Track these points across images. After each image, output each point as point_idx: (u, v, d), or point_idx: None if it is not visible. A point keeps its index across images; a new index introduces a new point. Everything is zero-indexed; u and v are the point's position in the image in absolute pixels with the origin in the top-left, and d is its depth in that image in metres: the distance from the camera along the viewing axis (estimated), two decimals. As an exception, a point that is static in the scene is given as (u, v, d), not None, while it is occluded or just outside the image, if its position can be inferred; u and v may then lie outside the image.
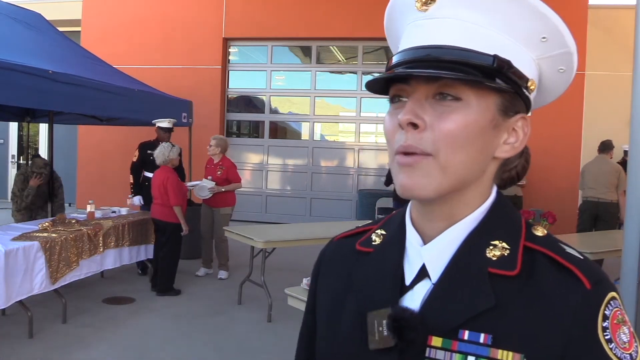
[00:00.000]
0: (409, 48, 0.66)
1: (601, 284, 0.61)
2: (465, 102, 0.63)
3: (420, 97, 0.64)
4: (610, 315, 0.60)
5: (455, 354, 0.61)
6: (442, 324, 0.63)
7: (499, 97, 0.65)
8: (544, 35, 0.65)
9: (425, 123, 0.62)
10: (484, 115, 0.64)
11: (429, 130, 0.62)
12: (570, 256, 0.64)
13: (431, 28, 0.64)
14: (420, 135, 0.62)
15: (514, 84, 0.65)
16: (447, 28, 0.64)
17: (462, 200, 0.67)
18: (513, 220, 0.68)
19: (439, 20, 0.64)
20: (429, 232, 0.68)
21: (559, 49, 0.67)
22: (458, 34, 0.63)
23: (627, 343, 0.61)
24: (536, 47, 0.66)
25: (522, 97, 0.67)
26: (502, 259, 0.64)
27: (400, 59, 0.67)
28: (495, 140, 0.66)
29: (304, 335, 0.85)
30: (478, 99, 0.63)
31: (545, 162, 8.25)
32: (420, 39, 0.65)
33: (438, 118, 0.62)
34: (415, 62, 0.64)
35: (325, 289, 0.80)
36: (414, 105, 0.63)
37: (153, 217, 5.32)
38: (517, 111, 0.67)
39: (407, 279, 0.68)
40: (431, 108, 0.63)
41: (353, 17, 8.43)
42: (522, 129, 0.68)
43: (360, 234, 0.80)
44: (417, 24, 0.66)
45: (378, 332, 0.64)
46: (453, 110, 0.62)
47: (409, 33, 0.67)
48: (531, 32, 0.65)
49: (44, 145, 10.45)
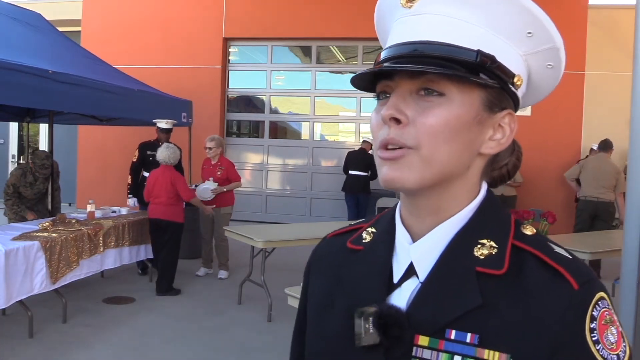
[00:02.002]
0: (394, 44, 0.66)
1: (589, 285, 0.61)
2: (448, 97, 0.63)
3: (404, 92, 0.64)
4: (598, 316, 0.60)
5: (442, 354, 0.61)
6: (429, 323, 0.63)
7: (483, 92, 0.65)
8: (530, 31, 0.65)
9: (408, 118, 0.62)
10: (468, 110, 0.64)
11: (412, 125, 0.62)
12: (558, 256, 0.63)
13: (416, 24, 0.65)
14: (402, 130, 0.62)
15: (499, 80, 0.65)
16: (431, 24, 0.64)
17: (448, 195, 0.67)
18: (502, 219, 0.68)
19: (424, 16, 0.64)
20: (417, 230, 0.68)
21: (545, 45, 0.67)
22: (442, 30, 0.63)
23: (615, 344, 0.60)
24: (522, 42, 0.66)
25: (509, 93, 0.67)
26: (490, 257, 0.64)
27: (386, 55, 0.67)
28: (480, 136, 0.66)
29: (296, 333, 0.85)
30: (462, 95, 0.63)
31: (545, 162, 8.26)
32: (405, 35, 0.65)
33: (421, 113, 0.62)
34: (400, 58, 0.64)
35: (316, 286, 0.80)
36: (397, 101, 0.63)
37: (154, 217, 5.22)
38: (503, 107, 0.67)
39: (395, 277, 0.68)
40: (414, 103, 0.63)
41: (353, 17, 8.43)
42: (508, 125, 0.68)
43: (352, 231, 0.80)
44: (402, 21, 0.67)
45: (365, 329, 0.64)
46: (436, 106, 0.62)
47: (395, 30, 0.68)
48: (516, 27, 0.65)
49: (44, 145, 10.45)
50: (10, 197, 5.13)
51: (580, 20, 8.20)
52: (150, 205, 5.27)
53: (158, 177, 5.20)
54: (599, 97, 8.30)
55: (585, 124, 8.40)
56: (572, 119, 8.38)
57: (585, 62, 8.25)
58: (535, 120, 8.07)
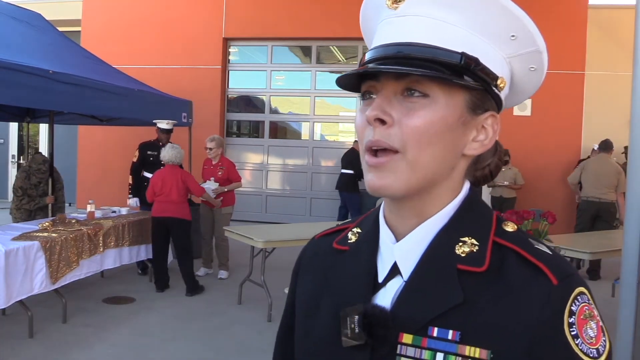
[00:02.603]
0: (379, 45, 0.67)
1: (568, 280, 0.62)
2: (432, 98, 0.63)
3: (389, 93, 0.64)
4: (577, 311, 0.60)
5: (425, 351, 0.62)
6: (413, 321, 0.63)
7: (467, 94, 0.65)
8: (513, 34, 0.66)
9: (393, 119, 0.63)
10: (452, 112, 0.64)
11: (397, 126, 0.63)
12: (538, 252, 0.64)
13: (401, 25, 0.65)
14: (388, 131, 0.63)
15: (483, 82, 0.65)
16: (416, 25, 0.64)
17: (432, 197, 0.67)
18: (483, 216, 0.69)
19: (409, 17, 0.65)
20: (401, 230, 0.69)
21: (528, 48, 0.67)
22: (427, 32, 0.64)
23: (594, 338, 0.61)
24: (506, 45, 0.67)
25: (492, 95, 0.68)
26: (471, 255, 0.65)
27: (371, 56, 0.67)
28: (463, 138, 0.67)
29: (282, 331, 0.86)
30: (446, 96, 0.64)
31: (545, 162, 8.26)
32: (390, 37, 0.66)
33: (405, 114, 0.63)
34: (385, 59, 0.65)
35: (303, 286, 0.81)
36: (382, 102, 0.64)
37: (163, 216, 5.11)
38: (486, 109, 0.68)
39: (380, 277, 0.69)
40: (399, 104, 0.64)
41: (353, 17, 8.27)
42: (491, 126, 0.69)
43: (339, 232, 0.81)
44: (388, 22, 0.67)
45: (350, 329, 0.65)
46: (420, 107, 0.63)
47: (381, 31, 0.68)
48: (500, 30, 0.65)
49: (44, 145, 10.45)
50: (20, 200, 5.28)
51: (580, 20, 8.20)
52: (158, 205, 5.17)
53: (166, 176, 5.16)
54: (599, 97, 8.30)
55: (585, 124, 8.40)
56: (572, 119, 8.38)
57: (585, 62, 8.24)
58: (535, 120, 8.07)
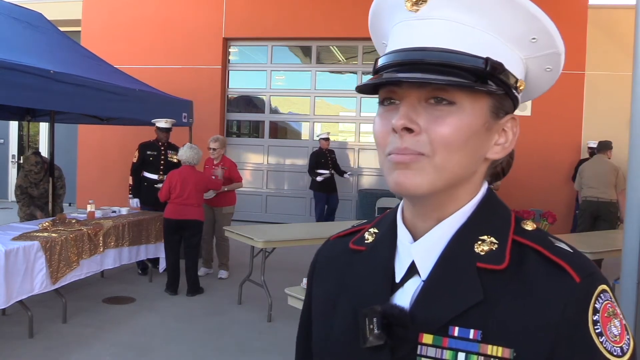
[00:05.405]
0: (399, 50, 0.65)
1: (591, 277, 0.61)
2: (459, 105, 0.63)
3: (413, 101, 0.63)
4: (600, 309, 0.60)
5: (446, 351, 0.61)
6: (432, 320, 0.63)
7: (490, 99, 0.65)
8: (534, 36, 0.65)
9: (420, 127, 0.62)
10: (478, 118, 0.64)
11: (424, 134, 0.62)
12: (559, 250, 0.64)
13: (422, 29, 0.64)
14: (415, 138, 0.63)
15: (505, 86, 0.65)
16: (438, 29, 0.63)
17: (452, 198, 0.67)
18: (502, 215, 0.69)
19: (430, 21, 0.63)
20: (419, 230, 0.69)
21: (548, 50, 0.67)
22: (449, 36, 0.63)
23: (618, 336, 0.60)
24: (525, 47, 0.66)
25: (511, 97, 0.68)
26: (491, 253, 0.64)
27: (390, 60, 0.66)
28: (487, 142, 0.67)
29: (301, 334, 0.86)
30: (471, 103, 0.63)
31: (545, 162, 8.26)
32: (410, 41, 0.64)
33: (433, 122, 0.62)
34: (406, 65, 0.64)
35: (320, 288, 0.80)
36: (408, 110, 0.63)
37: (181, 219, 5.04)
38: (506, 112, 0.68)
39: (397, 277, 0.68)
40: (425, 112, 0.63)
41: (353, 17, 8.42)
42: (511, 129, 0.69)
43: (354, 233, 0.81)
44: (407, 24, 0.65)
45: (369, 329, 0.65)
46: (448, 114, 0.62)
47: (398, 33, 0.67)
48: (522, 33, 0.65)
49: (44, 145, 10.45)
50: (20, 199, 5.31)
51: (580, 20, 8.20)
52: (173, 206, 5.06)
53: (185, 178, 5.06)
54: (599, 97, 8.30)
55: (585, 124, 8.40)
56: (572, 119, 8.38)
57: (585, 62, 8.25)
58: (536, 120, 8.07)
